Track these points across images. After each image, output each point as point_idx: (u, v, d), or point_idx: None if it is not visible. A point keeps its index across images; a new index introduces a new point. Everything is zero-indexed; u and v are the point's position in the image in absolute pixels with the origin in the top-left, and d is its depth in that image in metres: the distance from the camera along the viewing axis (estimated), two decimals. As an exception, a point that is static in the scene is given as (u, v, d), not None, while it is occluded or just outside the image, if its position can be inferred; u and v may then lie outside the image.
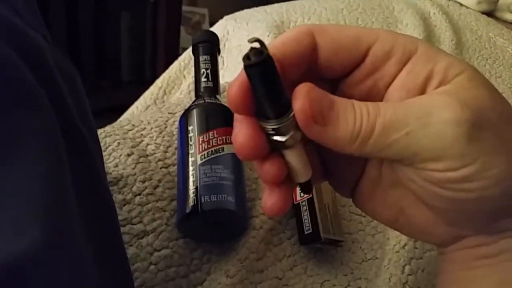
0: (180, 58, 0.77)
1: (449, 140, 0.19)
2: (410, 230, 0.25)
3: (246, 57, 0.19)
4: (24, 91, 0.23)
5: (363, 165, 0.25)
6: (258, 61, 0.18)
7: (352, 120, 0.20)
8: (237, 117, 0.21)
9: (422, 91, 0.21)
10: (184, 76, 0.74)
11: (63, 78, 0.27)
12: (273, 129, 0.20)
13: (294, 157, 0.21)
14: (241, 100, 0.20)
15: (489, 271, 0.23)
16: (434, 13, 0.88)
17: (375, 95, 0.22)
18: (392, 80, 0.22)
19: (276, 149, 0.21)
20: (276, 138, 0.20)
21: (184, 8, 1.47)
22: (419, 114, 0.19)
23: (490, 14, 0.97)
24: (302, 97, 0.19)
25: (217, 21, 0.82)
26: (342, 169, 0.26)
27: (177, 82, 0.74)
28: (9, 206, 0.20)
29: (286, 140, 0.20)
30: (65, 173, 0.24)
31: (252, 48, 0.18)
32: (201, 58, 0.51)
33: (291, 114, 0.20)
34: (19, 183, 0.21)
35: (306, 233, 0.43)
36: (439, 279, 0.25)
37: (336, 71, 0.22)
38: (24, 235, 0.20)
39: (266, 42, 0.19)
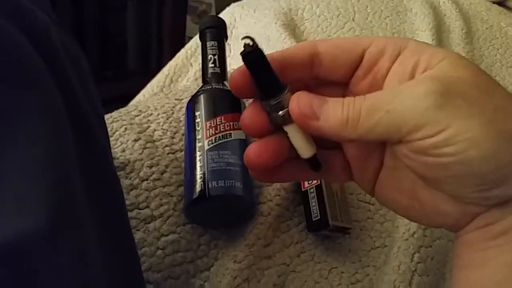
0: (187, 46, 0.76)
1: (421, 110, 0.21)
2: (425, 214, 0.26)
3: (243, 51, 0.24)
4: (29, 71, 0.22)
5: (381, 159, 0.28)
6: (250, 50, 0.23)
7: (340, 109, 0.23)
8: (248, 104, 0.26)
9: (411, 78, 0.24)
10: (191, 64, 0.74)
11: (69, 59, 0.27)
12: (271, 107, 0.25)
13: (294, 133, 0.25)
14: (241, 83, 0.25)
15: (499, 252, 0.23)
16: (444, 2, 0.86)
17: (376, 87, 0.25)
18: (388, 72, 0.25)
19: (279, 128, 0.26)
20: (274, 114, 0.25)
21: (190, -3, 1.46)
22: (396, 93, 0.22)
23: (501, 3, 0.95)
24: (294, 101, 0.24)
25: (223, 10, 0.81)
26: (364, 166, 0.28)
27: (183, 70, 0.74)
28: (11, 185, 0.20)
29: (283, 115, 0.25)
30: (70, 152, 0.24)
31: (245, 44, 0.24)
32: (209, 44, 0.51)
33: (285, 93, 0.25)
34: (23, 162, 0.20)
35: (314, 220, 0.43)
36: (454, 263, 0.25)
37: (339, 72, 0.26)
38: (27, 214, 0.19)
39: (274, 29, 0.21)
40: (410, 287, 0.40)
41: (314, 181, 0.44)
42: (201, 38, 0.52)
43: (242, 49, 0.24)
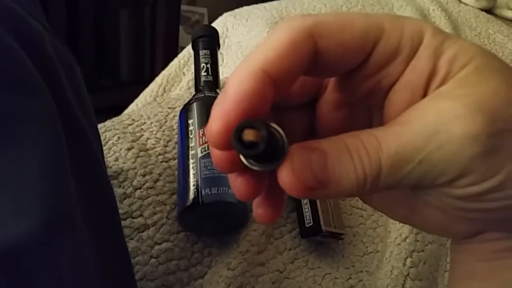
0: (180, 55, 0.77)
1: (467, 159, 0.17)
2: (425, 228, 0.23)
3: (239, 141, 0.16)
4: (23, 76, 0.23)
5: None
6: (256, 153, 0.16)
7: (352, 170, 0.17)
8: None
9: (426, 90, 0.19)
10: (184, 73, 0.74)
11: (62, 67, 0.27)
12: (258, 167, 0.18)
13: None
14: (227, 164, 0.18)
15: (505, 265, 0.21)
16: (433, 10, 0.88)
17: (377, 94, 0.20)
18: (397, 79, 0.19)
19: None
20: (255, 168, 0.18)
21: (183, 7, 1.47)
22: (426, 137, 0.17)
23: (489, 11, 0.97)
24: (286, 171, 0.17)
25: (216, 20, 0.82)
26: None
27: (176, 79, 0.74)
28: (7, 190, 0.20)
29: (264, 170, 0.18)
30: (64, 159, 0.24)
31: (246, 142, 0.16)
32: (201, 52, 0.51)
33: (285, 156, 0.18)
34: (18, 167, 0.21)
35: (307, 226, 0.43)
36: (453, 268, 0.23)
37: (335, 73, 0.20)
38: (22, 219, 0.20)
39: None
40: (403, 292, 0.40)
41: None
42: (193, 47, 0.53)
43: (238, 136, 0.16)
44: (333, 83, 0.21)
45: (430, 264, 0.43)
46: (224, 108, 0.17)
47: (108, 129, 0.48)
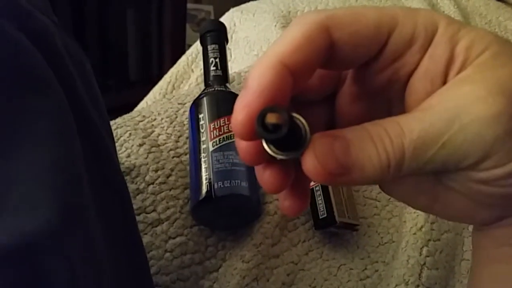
0: (188, 52, 0.77)
1: (490, 140, 0.17)
2: (446, 216, 0.23)
3: (262, 126, 0.17)
4: (35, 73, 0.23)
5: None
6: (279, 136, 0.17)
7: (375, 155, 0.18)
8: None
9: (445, 78, 0.19)
10: (192, 70, 0.74)
11: (72, 62, 0.27)
12: (282, 157, 0.18)
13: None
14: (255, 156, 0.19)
15: None
16: (442, -1, 0.87)
17: (396, 84, 0.20)
18: (415, 68, 0.19)
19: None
20: (279, 156, 0.18)
21: (189, 5, 1.47)
22: (448, 120, 0.17)
23: (499, -2, 0.96)
24: (310, 157, 0.17)
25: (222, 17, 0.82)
26: None
27: (185, 76, 0.74)
28: (21, 186, 0.20)
29: (288, 158, 0.18)
30: (76, 154, 0.24)
31: (270, 116, 0.17)
32: (209, 47, 0.51)
33: (307, 144, 0.18)
34: (30, 163, 0.21)
35: (321, 217, 0.43)
36: (476, 254, 0.23)
37: (351, 65, 0.20)
38: (37, 213, 0.20)
39: (274, 32, 0.18)
40: (419, 281, 0.40)
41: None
42: (202, 42, 0.53)
43: (262, 120, 0.17)
44: (351, 76, 0.21)
45: (446, 253, 0.43)
46: (246, 100, 0.18)
47: (119, 126, 0.48)
